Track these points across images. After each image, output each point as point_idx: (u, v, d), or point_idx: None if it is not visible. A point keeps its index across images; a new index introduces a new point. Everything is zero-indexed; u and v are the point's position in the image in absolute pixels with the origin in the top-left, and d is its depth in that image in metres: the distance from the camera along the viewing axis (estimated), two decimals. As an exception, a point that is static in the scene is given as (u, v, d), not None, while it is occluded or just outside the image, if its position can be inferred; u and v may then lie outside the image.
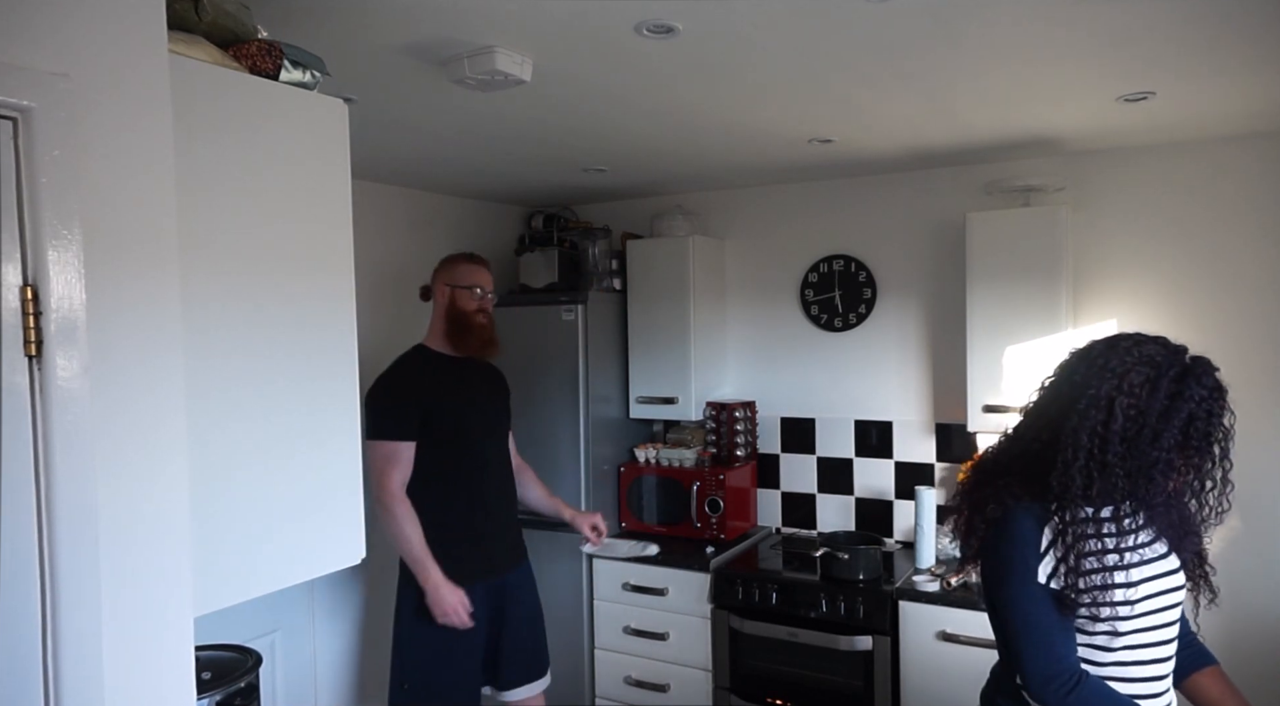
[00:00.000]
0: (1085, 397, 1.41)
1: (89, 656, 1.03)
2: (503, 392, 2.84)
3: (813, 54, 1.96)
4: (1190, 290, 2.94)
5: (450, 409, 2.57)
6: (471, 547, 2.61)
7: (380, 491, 2.48)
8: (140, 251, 1.10)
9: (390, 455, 2.48)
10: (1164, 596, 1.46)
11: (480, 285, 2.64)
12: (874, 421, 3.46)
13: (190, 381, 1.19)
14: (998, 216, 2.96)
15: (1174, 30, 1.85)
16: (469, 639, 2.57)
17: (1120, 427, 1.37)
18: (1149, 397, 1.37)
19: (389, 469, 2.48)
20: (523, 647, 2.73)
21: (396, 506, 2.48)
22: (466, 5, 1.65)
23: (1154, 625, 1.45)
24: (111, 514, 1.06)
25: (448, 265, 2.69)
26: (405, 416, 2.50)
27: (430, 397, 2.54)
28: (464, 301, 2.62)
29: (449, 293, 2.64)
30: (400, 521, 2.48)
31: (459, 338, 2.61)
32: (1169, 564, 1.49)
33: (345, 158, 1.51)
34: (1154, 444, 1.36)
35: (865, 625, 2.86)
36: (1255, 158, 2.83)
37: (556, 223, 3.82)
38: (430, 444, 2.54)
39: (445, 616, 2.49)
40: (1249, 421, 2.88)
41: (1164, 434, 1.35)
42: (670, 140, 2.78)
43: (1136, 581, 1.43)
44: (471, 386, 2.67)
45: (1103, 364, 1.42)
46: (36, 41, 1.00)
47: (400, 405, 2.51)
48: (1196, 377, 1.37)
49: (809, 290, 3.56)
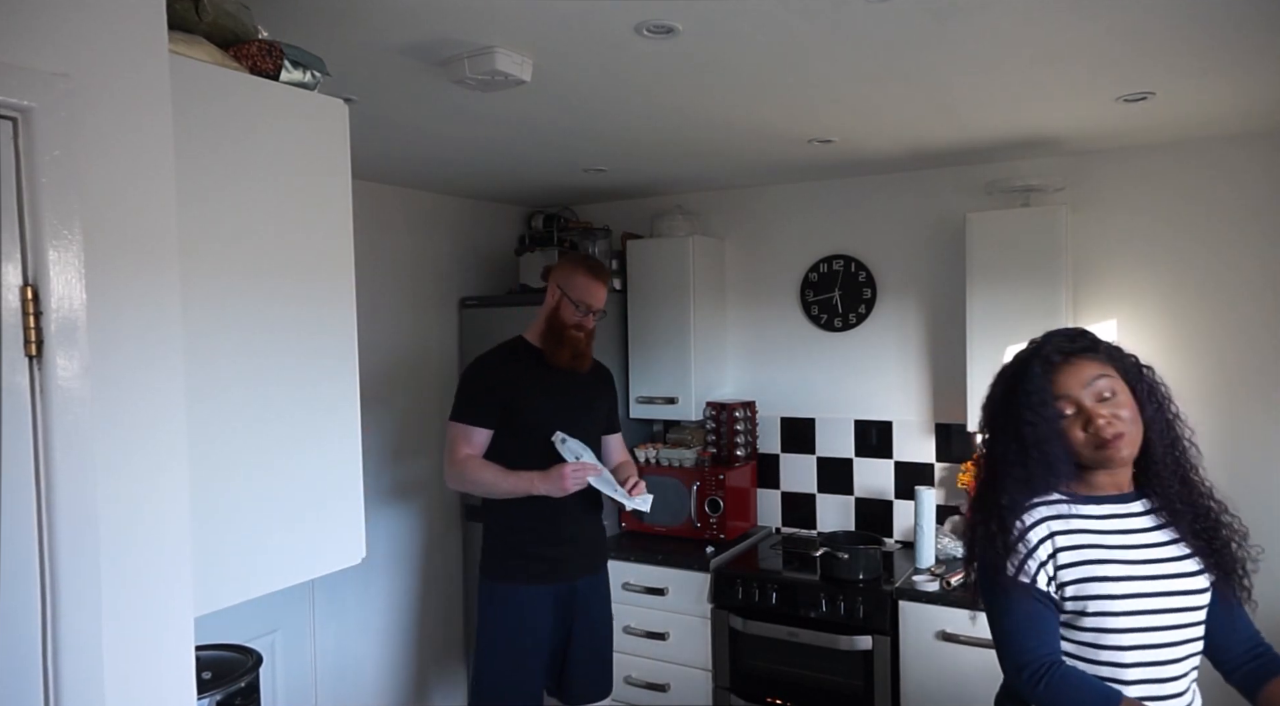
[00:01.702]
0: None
1: (89, 656, 1.03)
2: (602, 393, 2.74)
3: (813, 54, 1.96)
4: (1190, 290, 2.94)
5: (532, 404, 2.53)
6: (545, 547, 2.55)
7: (449, 464, 2.51)
8: (140, 251, 1.10)
9: (462, 434, 2.50)
10: (1170, 598, 1.43)
11: (590, 304, 2.56)
12: (874, 421, 3.46)
13: (190, 381, 1.19)
14: (998, 216, 2.96)
15: (1173, 30, 1.85)
16: (535, 640, 2.54)
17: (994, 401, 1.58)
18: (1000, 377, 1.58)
19: (458, 445, 2.50)
20: (588, 661, 2.65)
21: (465, 463, 2.47)
22: (466, 5, 1.65)
23: (1157, 626, 1.43)
24: (111, 514, 1.06)
25: (568, 268, 2.60)
26: (484, 403, 2.51)
27: (513, 390, 2.52)
28: (567, 313, 2.56)
29: (558, 296, 2.57)
30: (475, 473, 2.47)
31: (550, 344, 2.56)
32: (1184, 566, 1.46)
33: (345, 158, 1.51)
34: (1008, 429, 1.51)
35: (865, 625, 2.86)
36: (1255, 158, 2.83)
37: (556, 223, 3.82)
38: (510, 435, 2.52)
39: (567, 487, 2.41)
40: (1249, 421, 2.90)
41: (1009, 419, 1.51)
42: (670, 140, 2.78)
43: (1125, 577, 1.43)
44: (563, 384, 2.59)
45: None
46: (36, 41, 1.00)
47: (482, 391, 2.51)
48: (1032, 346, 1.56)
49: (809, 290, 3.56)
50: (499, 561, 2.57)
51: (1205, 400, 2.92)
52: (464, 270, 3.78)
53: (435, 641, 3.66)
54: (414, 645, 3.56)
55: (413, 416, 3.52)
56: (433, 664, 3.65)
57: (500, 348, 2.64)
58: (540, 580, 2.55)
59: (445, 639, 3.70)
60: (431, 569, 3.63)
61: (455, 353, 3.72)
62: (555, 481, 2.42)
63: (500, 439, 2.52)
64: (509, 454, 2.51)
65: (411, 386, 3.51)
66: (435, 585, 3.65)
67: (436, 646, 3.66)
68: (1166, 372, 3.33)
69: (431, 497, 3.62)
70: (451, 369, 3.70)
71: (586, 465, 2.47)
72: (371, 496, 1.59)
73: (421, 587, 3.59)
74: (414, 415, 3.52)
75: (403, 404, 3.47)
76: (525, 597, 2.54)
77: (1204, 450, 2.89)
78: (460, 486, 2.54)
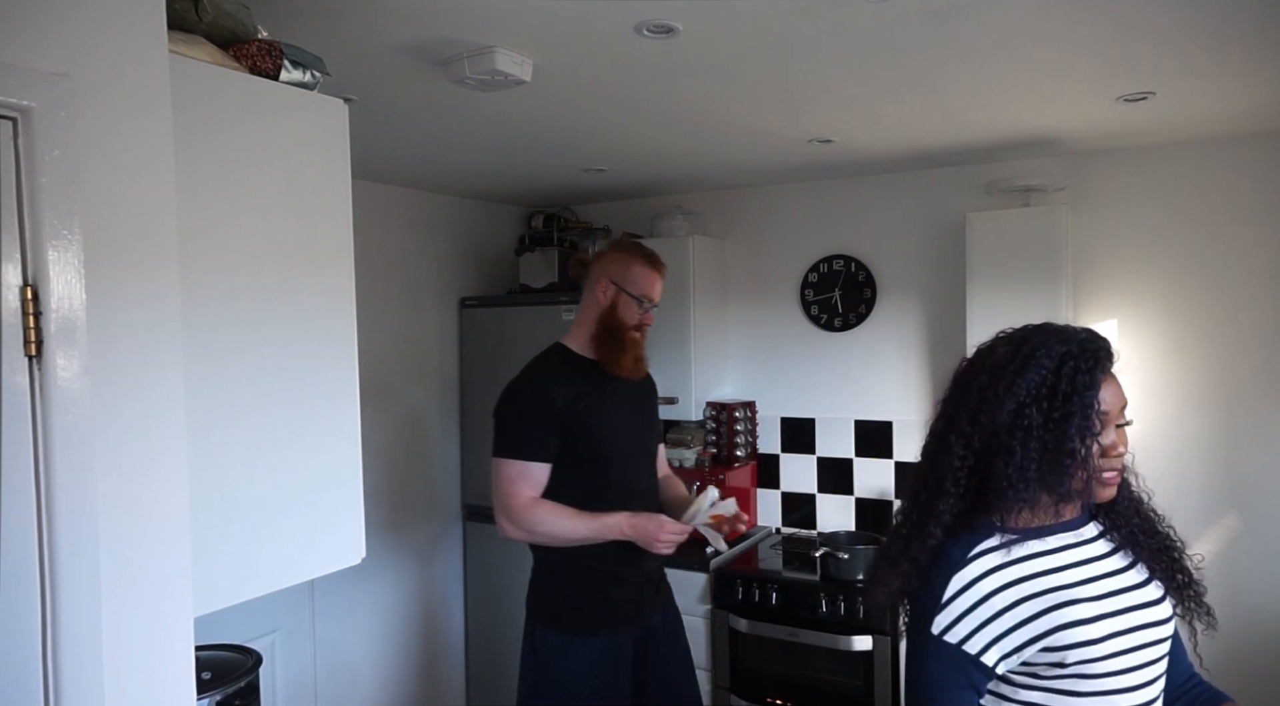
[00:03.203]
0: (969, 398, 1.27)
1: (89, 656, 1.03)
2: (653, 402, 2.40)
3: (813, 54, 1.96)
4: (1190, 290, 2.94)
5: (593, 426, 2.13)
6: (618, 586, 2.16)
7: (509, 511, 2.08)
8: (140, 252, 1.10)
9: (519, 474, 2.09)
10: (1145, 631, 1.24)
11: (650, 298, 2.21)
12: (874, 421, 3.46)
13: (190, 382, 1.18)
14: (998, 216, 2.96)
15: (1174, 30, 1.85)
16: (610, 701, 2.13)
17: (973, 406, 1.25)
18: (1003, 368, 1.25)
19: (517, 487, 2.08)
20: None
21: (532, 511, 2.07)
22: (466, 5, 1.65)
23: (1139, 663, 1.23)
24: (111, 514, 1.06)
25: (621, 259, 2.21)
26: (539, 433, 2.09)
27: (570, 412, 2.10)
28: (626, 311, 2.18)
29: (613, 293, 2.18)
30: (548, 522, 2.07)
31: (606, 350, 2.17)
32: (1148, 593, 1.27)
33: (345, 158, 1.50)
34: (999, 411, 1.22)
35: (865, 625, 2.86)
36: (1255, 157, 2.83)
37: (556, 223, 3.82)
38: (569, 465, 2.12)
39: (660, 545, 2.08)
40: (1249, 421, 2.90)
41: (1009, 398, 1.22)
42: (670, 140, 2.78)
43: (1098, 616, 1.21)
44: (619, 397, 2.21)
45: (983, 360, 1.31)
46: (36, 41, 1.00)
47: (536, 418, 2.09)
48: (1060, 339, 1.25)
49: (809, 290, 3.56)
50: (559, 606, 2.16)
51: (1205, 400, 2.92)
52: (464, 270, 3.78)
53: (435, 641, 3.66)
54: (414, 645, 3.56)
55: (413, 416, 3.52)
56: (433, 664, 3.65)
57: (541, 361, 2.23)
58: (614, 626, 2.14)
59: (445, 639, 3.70)
60: (431, 569, 3.63)
61: (455, 353, 3.72)
62: (650, 535, 2.07)
63: (555, 472, 2.12)
64: (562, 491, 2.11)
65: (411, 386, 3.52)
66: (435, 585, 3.65)
67: (436, 646, 3.66)
68: (1167, 372, 3.33)
69: (431, 497, 3.62)
70: (451, 369, 3.70)
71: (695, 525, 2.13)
72: (371, 496, 1.59)
73: (421, 587, 3.59)
74: (414, 415, 3.52)
75: (403, 404, 3.47)
76: (596, 650, 2.12)
77: (1204, 450, 2.93)
78: (528, 536, 2.11)
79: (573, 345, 2.23)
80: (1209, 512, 2.88)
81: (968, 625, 1.20)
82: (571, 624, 2.14)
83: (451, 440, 3.71)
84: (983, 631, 1.19)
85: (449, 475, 3.70)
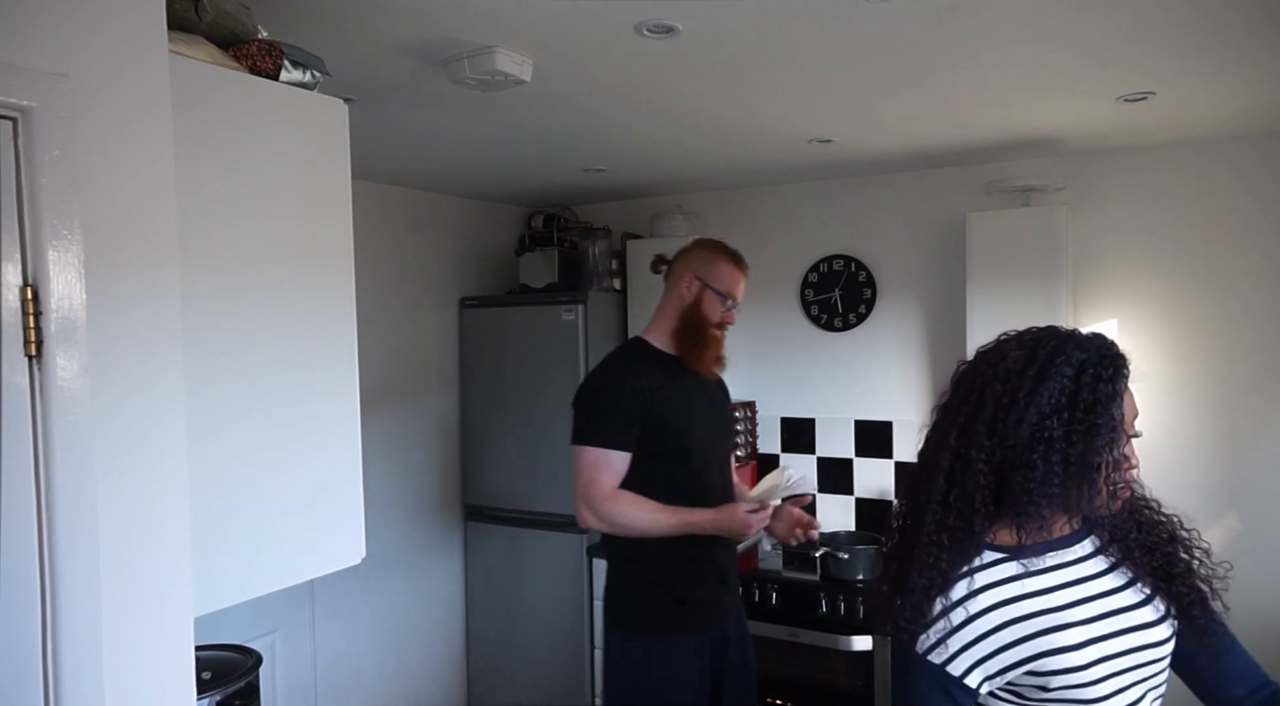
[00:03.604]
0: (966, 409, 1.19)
1: (89, 656, 1.03)
2: (728, 404, 2.40)
3: (813, 54, 1.96)
4: (1190, 290, 2.94)
5: (675, 421, 2.13)
6: (698, 587, 2.14)
7: (590, 499, 2.06)
8: (140, 252, 1.10)
9: (602, 462, 2.07)
10: (1135, 653, 1.18)
11: (734, 295, 2.21)
12: (874, 421, 3.46)
13: (190, 382, 1.18)
14: (998, 216, 2.96)
15: (1173, 30, 1.85)
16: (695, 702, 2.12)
17: (989, 417, 1.16)
18: (1019, 376, 1.16)
19: (598, 474, 2.06)
20: None
21: (617, 500, 2.06)
22: (466, 5, 1.65)
23: (1127, 685, 1.18)
24: (111, 514, 1.06)
25: (707, 256, 2.22)
26: (621, 422, 2.08)
27: (653, 405, 2.10)
28: (710, 308, 2.18)
29: (697, 289, 2.18)
30: (632, 513, 2.05)
31: (689, 346, 2.17)
32: (1143, 615, 1.20)
33: (345, 157, 1.51)
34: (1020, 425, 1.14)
35: (865, 625, 2.86)
36: (1255, 157, 2.83)
37: (556, 223, 3.82)
38: (646, 457, 2.10)
39: (751, 530, 2.08)
40: (1249, 421, 2.90)
41: (1030, 409, 1.13)
42: (670, 140, 2.78)
43: (1087, 641, 1.15)
44: (698, 394, 2.22)
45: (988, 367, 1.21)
46: (36, 41, 1.00)
47: (622, 406, 2.08)
48: (1077, 346, 1.17)
49: (809, 290, 3.56)
50: (642, 610, 2.13)
51: (1205, 400, 2.92)
52: (464, 270, 3.78)
53: (435, 641, 3.66)
54: (414, 645, 3.56)
55: (413, 416, 3.52)
56: (433, 664, 3.65)
57: (623, 354, 2.24)
58: (694, 629, 2.12)
59: (445, 639, 3.70)
60: (431, 569, 3.63)
61: (455, 353, 3.72)
62: (740, 524, 2.05)
63: (633, 468, 2.10)
64: (641, 486, 2.09)
65: (412, 386, 3.51)
66: (435, 585, 3.65)
67: (436, 646, 3.66)
68: (1167, 372, 3.32)
69: (431, 497, 3.62)
70: (451, 369, 3.70)
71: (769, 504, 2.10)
72: (371, 496, 1.59)
73: (422, 587, 3.59)
74: (414, 415, 3.52)
75: (403, 404, 3.47)
76: (679, 653, 2.10)
77: (1204, 450, 2.93)
78: (608, 527, 2.08)
79: (653, 339, 2.23)
80: (1209, 512, 2.88)
81: (952, 646, 1.15)
82: (656, 627, 2.11)
83: (451, 440, 3.71)
84: (966, 653, 1.15)
85: (449, 475, 3.70)
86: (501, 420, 3.59)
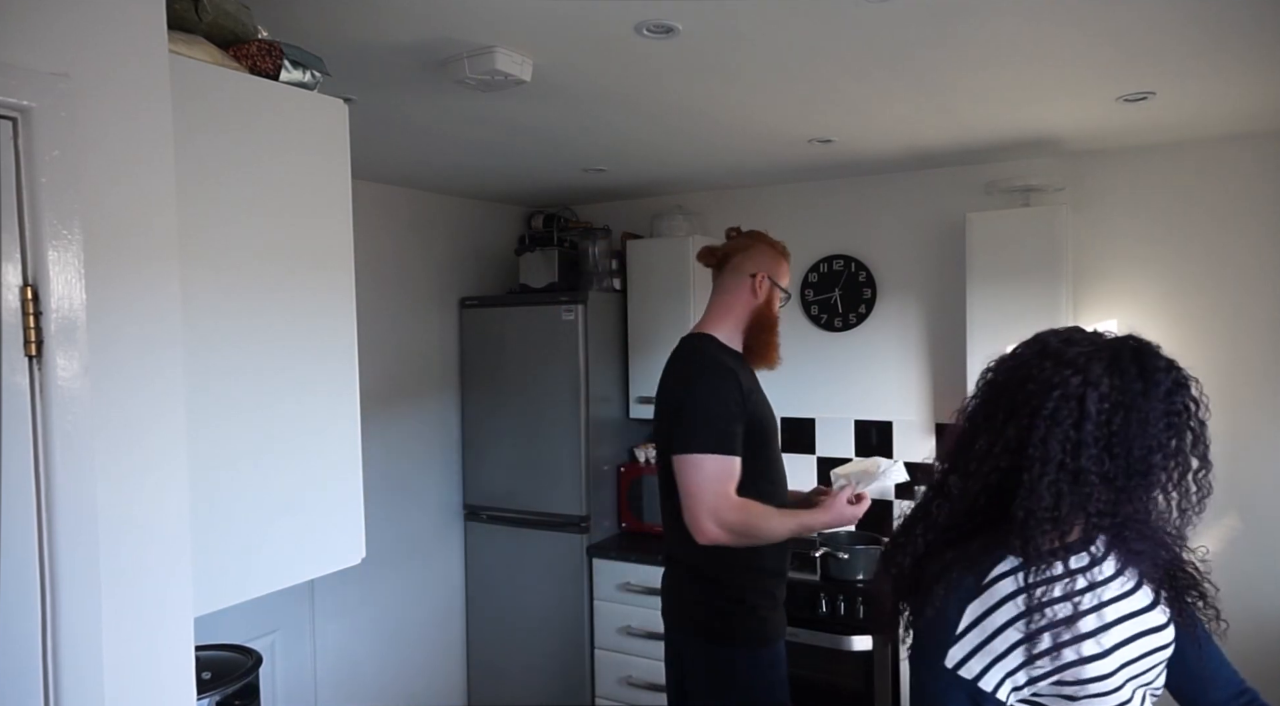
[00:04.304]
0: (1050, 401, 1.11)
1: (89, 656, 1.03)
2: None
3: (813, 54, 1.96)
4: (1190, 290, 2.94)
5: (769, 422, 2.12)
6: (780, 591, 2.12)
7: (719, 511, 1.93)
8: (140, 251, 1.10)
9: (722, 472, 1.96)
10: (1149, 657, 1.18)
11: (789, 292, 2.24)
12: (874, 421, 3.46)
13: (190, 382, 1.19)
14: (998, 216, 2.96)
15: (1174, 30, 1.85)
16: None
17: (1094, 428, 1.10)
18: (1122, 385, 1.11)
19: (725, 484, 1.95)
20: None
21: (748, 509, 1.95)
22: (466, 5, 1.65)
23: (1137, 687, 1.19)
24: (111, 514, 1.06)
25: (770, 253, 2.20)
26: (735, 426, 2.00)
27: (753, 406, 2.06)
28: (775, 305, 2.19)
29: (767, 288, 2.16)
30: (759, 521, 1.95)
31: (760, 343, 2.16)
32: (1154, 618, 1.20)
33: (345, 157, 1.51)
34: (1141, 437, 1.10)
35: (865, 625, 2.86)
36: (1255, 157, 2.83)
37: (556, 223, 3.82)
38: (747, 461, 2.03)
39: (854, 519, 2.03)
40: (1249, 421, 2.90)
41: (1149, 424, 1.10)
42: (670, 140, 2.78)
43: (1108, 650, 1.14)
44: (765, 391, 2.19)
45: (1048, 364, 1.15)
46: (36, 41, 1.00)
47: (727, 411, 2.00)
48: (1153, 356, 1.16)
49: (809, 290, 3.56)
50: (766, 620, 2.07)
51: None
52: (464, 270, 3.78)
53: (435, 641, 3.66)
54: (414, 645, 3.56)
55: (413, 416, 3.52)
56: (433, 663, 3.65)
57: (712, 354, 2.11)
58: (784, 630, 2.13)
59: (445, 639, 3.70)
60: (431, 569, 3.63)
61: (455, 353, 3.72)
62: (847, 518, 2.00)
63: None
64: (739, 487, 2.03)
65: (412, 386, 3.51)
66: (435, 585, 3.65)
67: (436, 646, 3.66)
68: (1167, 373, 3.25)
69: (431, 497, 3.62)
70: (451, 369, 3.70)
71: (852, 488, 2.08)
72: (371, 496, 1.59)
73: (422, 587, 3.59)
74: (414, 415, 3.52)
75: (403, 403, 3.46)
76: (778, 657, 2.09)
77: (1204, 450, 2.91)
78: (734, 539, 1.94)
79: (722, 337, 2.16)
80: (1209, 512, 2.87)
81: (982, 659, 1.13)
82: (776, 633, 2.08)
83: (451, 440, 3.71)
84: (998, 666, 1.13)
85: (449, 475, 3.70)
86: (501, 420, 3.59)
